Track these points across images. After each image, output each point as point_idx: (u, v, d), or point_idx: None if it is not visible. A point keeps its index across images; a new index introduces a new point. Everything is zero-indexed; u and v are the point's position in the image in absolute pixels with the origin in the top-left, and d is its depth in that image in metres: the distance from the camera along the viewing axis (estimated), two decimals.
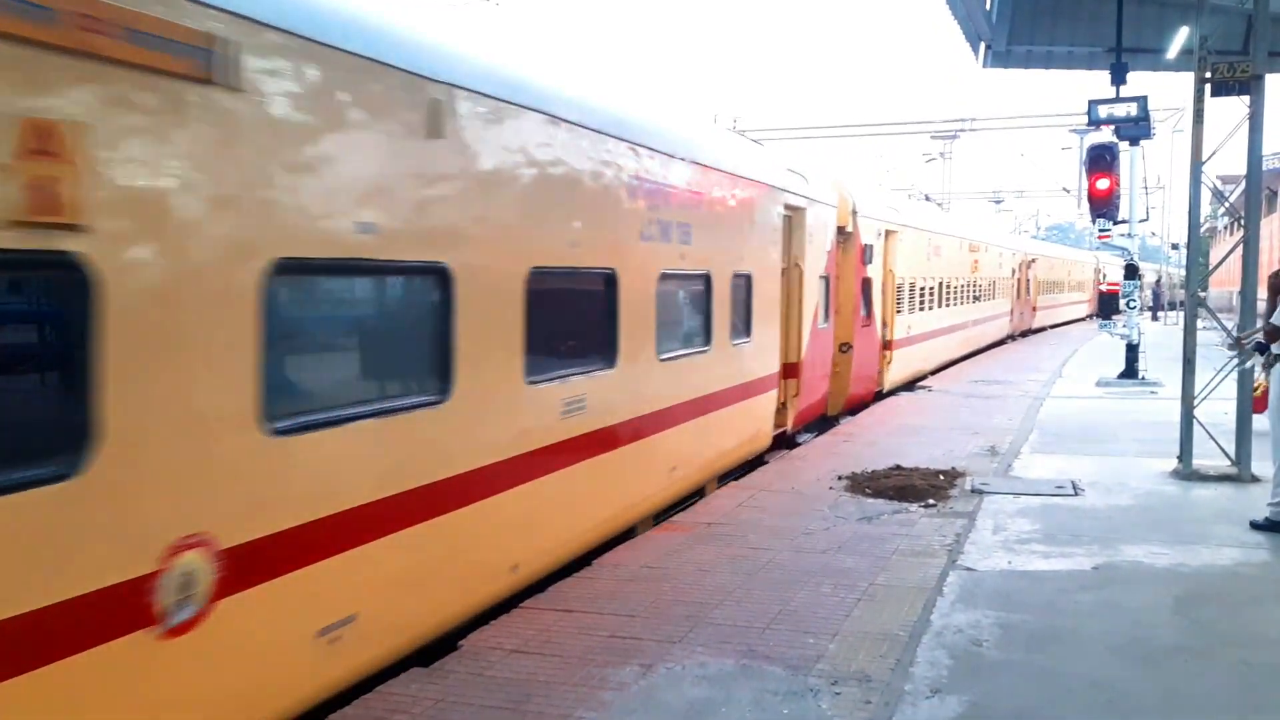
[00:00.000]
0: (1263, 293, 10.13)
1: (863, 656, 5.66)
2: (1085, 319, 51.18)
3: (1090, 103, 17.19)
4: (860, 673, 5.42)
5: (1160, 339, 27.00)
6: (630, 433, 8.08)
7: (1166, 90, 58.06)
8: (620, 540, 8.09)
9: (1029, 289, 38.24)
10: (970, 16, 15.47)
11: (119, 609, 3.77)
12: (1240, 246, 11.08)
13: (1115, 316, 22.54)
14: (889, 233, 17.97)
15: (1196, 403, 10.75)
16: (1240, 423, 10.61)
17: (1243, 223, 11.01)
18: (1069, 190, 52.15)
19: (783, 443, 12.49)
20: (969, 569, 7.38)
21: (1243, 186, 11.86)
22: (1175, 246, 48.88)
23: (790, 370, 12.49)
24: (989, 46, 16.61)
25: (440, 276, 5.63)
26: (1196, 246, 11.71)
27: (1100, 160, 17.85)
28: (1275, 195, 38.00)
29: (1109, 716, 5.01)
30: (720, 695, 5.17)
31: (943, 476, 10.57)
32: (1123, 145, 19.13)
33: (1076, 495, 9.87)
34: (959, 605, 6.56)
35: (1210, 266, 15.86)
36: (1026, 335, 37.52)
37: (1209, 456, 10.70)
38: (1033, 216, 75.50)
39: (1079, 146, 41.44)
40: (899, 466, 11.04)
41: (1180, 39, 14.87)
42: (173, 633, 3.97)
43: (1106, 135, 18.57)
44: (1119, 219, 20.10)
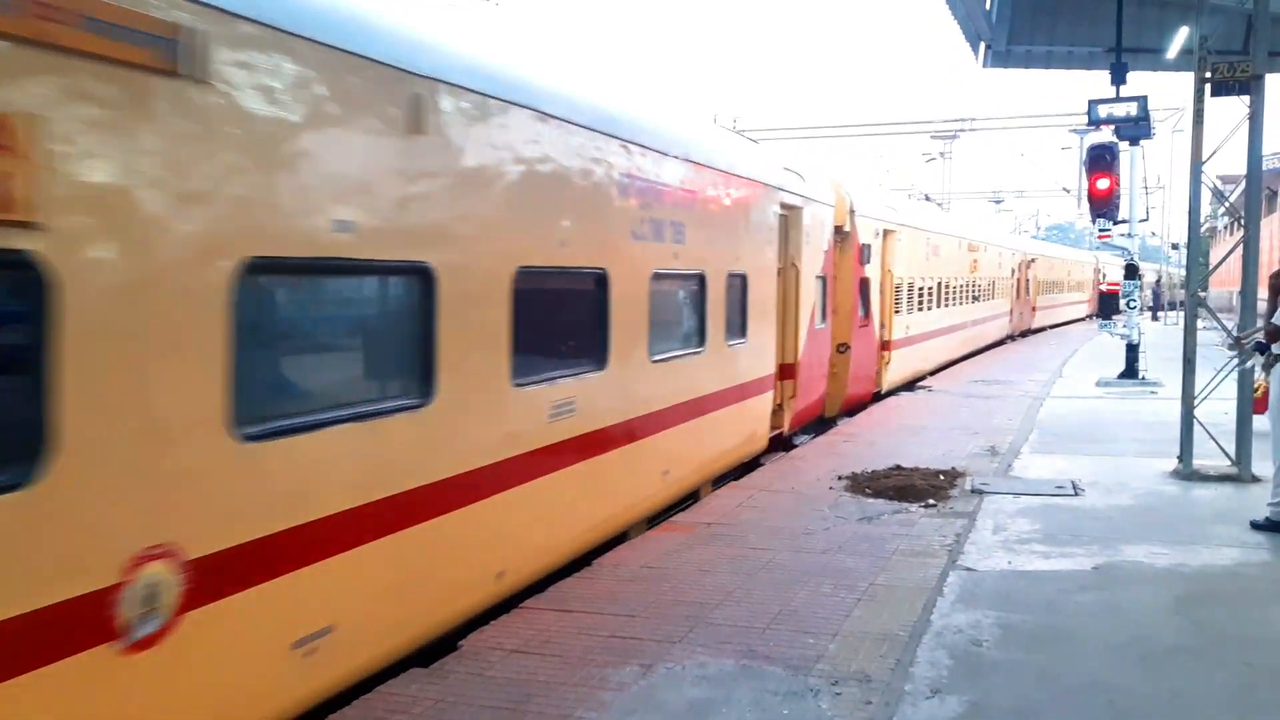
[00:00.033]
0: (1263, 293, 10.14)
1: (863, 656, 5.66)
2: (1085, 319, 51.18)
3: (1090, 103, 17.18)
4: (860, 673, 5.42)
5: (1160, 339, 27.00)
6: (621, 436, 7.95)
7: (1166, 90, 58.27)
8: (612, 545, 8.00)
9: (1028, 289, 38.22)
10: (970, 16, 15.47)
11: (77, 624, 3.61)
12: (1240, 246, 11.09)
13: (1115, 316, 22.56)
14: (887, 232, 17.94)
15: (1197, 403, 10.75)
16: (1240, 423, 10.61)
17: (1243, 223, 11.01)
18: (1069, 190, 52.14)
19: (779, 445, 12.45)
20: (969, 569, 7.38)
21: (1243, 186, 11.85)
22: (1175, 246, 48.94)
23: (787, 371, 12.40)
24: (989, 46, 16.62)
25: (422, 276, 5.48)
26: (1196, 246, 11.71)
27: (1100, 160, 17.83)
28: (1275, 195, 38.02)
29: (1109, 716, 5.00)
30: (720, 695, 5.17)
31: (943, 476, 10.57)
32: (1123, 145, 19.14)
33: (1076, 495, 9.87)
34: (959, 605, 6.56)
35: (1210, 266, 15.86)
36: (1026, 335, 37.52)
37: (1209, 456, 10.70)
38: (1033, 216, 75.64)
39: (1079, 146, 41.46)
40: (899, 466, 11.04)
41: (1180, 39, 14.86)
42: (136, 647, 3.82)
43: (1106, 135, 18.57)
44: (1119, 219, 20.11)
